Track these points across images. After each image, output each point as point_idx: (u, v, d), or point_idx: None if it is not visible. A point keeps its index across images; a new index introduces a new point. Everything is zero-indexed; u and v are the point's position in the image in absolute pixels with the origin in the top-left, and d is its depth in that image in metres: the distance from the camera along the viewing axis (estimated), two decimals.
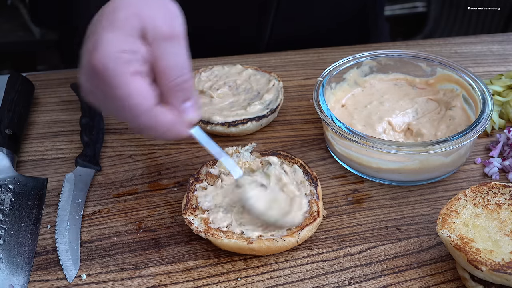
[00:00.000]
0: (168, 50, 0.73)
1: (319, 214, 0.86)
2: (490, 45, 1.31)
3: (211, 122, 1.04)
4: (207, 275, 0.83)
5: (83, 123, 1.06)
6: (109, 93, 0.72)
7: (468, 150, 0.96)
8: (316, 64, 1.25)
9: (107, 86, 0.72)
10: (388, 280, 0.81)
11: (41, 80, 1.20)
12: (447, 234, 0.78)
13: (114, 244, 0.87)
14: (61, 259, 0.84)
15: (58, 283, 0.82)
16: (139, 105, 0.73)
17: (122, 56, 0.71)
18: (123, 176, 0.99)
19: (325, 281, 0.81)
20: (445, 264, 0.84)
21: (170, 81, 0.74)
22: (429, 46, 1.31)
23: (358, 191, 0.96)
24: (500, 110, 1.10)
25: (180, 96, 0.75)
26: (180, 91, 0.75)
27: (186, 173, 0.99)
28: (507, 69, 1.23)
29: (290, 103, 1.14)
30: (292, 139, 1.06)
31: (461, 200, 0.83)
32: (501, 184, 0.86)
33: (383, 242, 0.87)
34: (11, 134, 1.00)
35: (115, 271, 0.83)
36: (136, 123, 0.75)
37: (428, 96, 1.06)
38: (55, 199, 0.94)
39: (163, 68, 0.74)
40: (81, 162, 0.99)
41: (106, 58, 0.71)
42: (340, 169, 1.00)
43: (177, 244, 0.87)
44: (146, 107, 0.73)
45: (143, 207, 0.93)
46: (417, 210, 0.92)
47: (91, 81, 0.74)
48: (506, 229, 0.79)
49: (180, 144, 1.05)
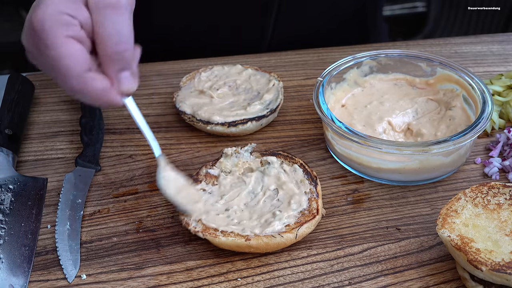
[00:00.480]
0: (108, 18, 0.74)
1: (318, 211, 0.86)
2: (490, 45, 1.31)
3: (211, 122, 1.04)
4: (207, 275, 0.83)
5: (83, 123, 1.06)
6: (44, 52, 0.74)
7: (468, 150, 0.96)
8: (316, 64, 1.25)
9: (42, 46, 0.74)
10: (388, 280, 0.81)
11: (41, 80, 1.20)
12: (447, 234, 0.78)
13: (114, 244, 0.87)
14: (61, 259, 0.84)
15: (58, 283, 0.82)
16: (70, 68, 0.74)
17: (60, 18, 0.73)
18: (123, 176, 0.99)
19: (325, 281, 0.81)
20: (445, 264, 0.84)
21: (107, 49, 0.75)
22: (429, 46, 1.31)
23: (358, 191, 0.96)
24: (500, 110, 1.10)
25: (116, 65, 0.76)
26: (116, 60, 0.76)
27: (186, 173, 0.99)
28: (507, 69, 1.23)
29: (290, 103, 1.14)
30: (292, 139, 1.06)
31: (461, 200, 0.83)
32: (501, 184, 0.86)
33: (383, 242, 0.87)
34: (11, 134, 1.00)
35: (115, 271, 0.83)
36: (68, 86, 0.76)
37: (428, 96, 1.06)
38: (55, 199, 0.94)
39: (101, 36, 0.75)
40: (81, 162, 0.99)
41: (45, 18, 0.72)
42: (340, 169, 1.00)
43: (177, 244, 0.87)
44: (77, 71, 0.74)
45: (143, 207, 0.93)
46: (417, 210, 0.92)
47: (29, 39, 0.76)
48: (506, 229, 0.79)
49: (180, 144, 1.05)
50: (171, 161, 1.02)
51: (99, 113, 1.09)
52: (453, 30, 2.39)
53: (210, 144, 1.05)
